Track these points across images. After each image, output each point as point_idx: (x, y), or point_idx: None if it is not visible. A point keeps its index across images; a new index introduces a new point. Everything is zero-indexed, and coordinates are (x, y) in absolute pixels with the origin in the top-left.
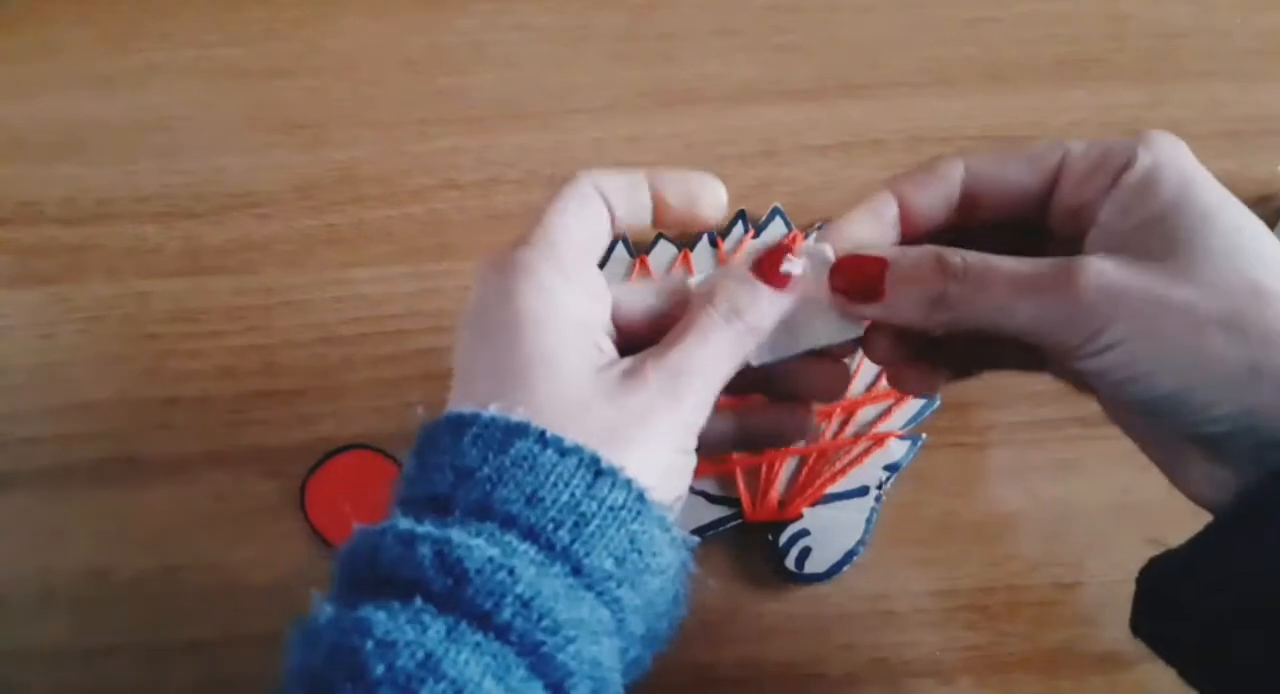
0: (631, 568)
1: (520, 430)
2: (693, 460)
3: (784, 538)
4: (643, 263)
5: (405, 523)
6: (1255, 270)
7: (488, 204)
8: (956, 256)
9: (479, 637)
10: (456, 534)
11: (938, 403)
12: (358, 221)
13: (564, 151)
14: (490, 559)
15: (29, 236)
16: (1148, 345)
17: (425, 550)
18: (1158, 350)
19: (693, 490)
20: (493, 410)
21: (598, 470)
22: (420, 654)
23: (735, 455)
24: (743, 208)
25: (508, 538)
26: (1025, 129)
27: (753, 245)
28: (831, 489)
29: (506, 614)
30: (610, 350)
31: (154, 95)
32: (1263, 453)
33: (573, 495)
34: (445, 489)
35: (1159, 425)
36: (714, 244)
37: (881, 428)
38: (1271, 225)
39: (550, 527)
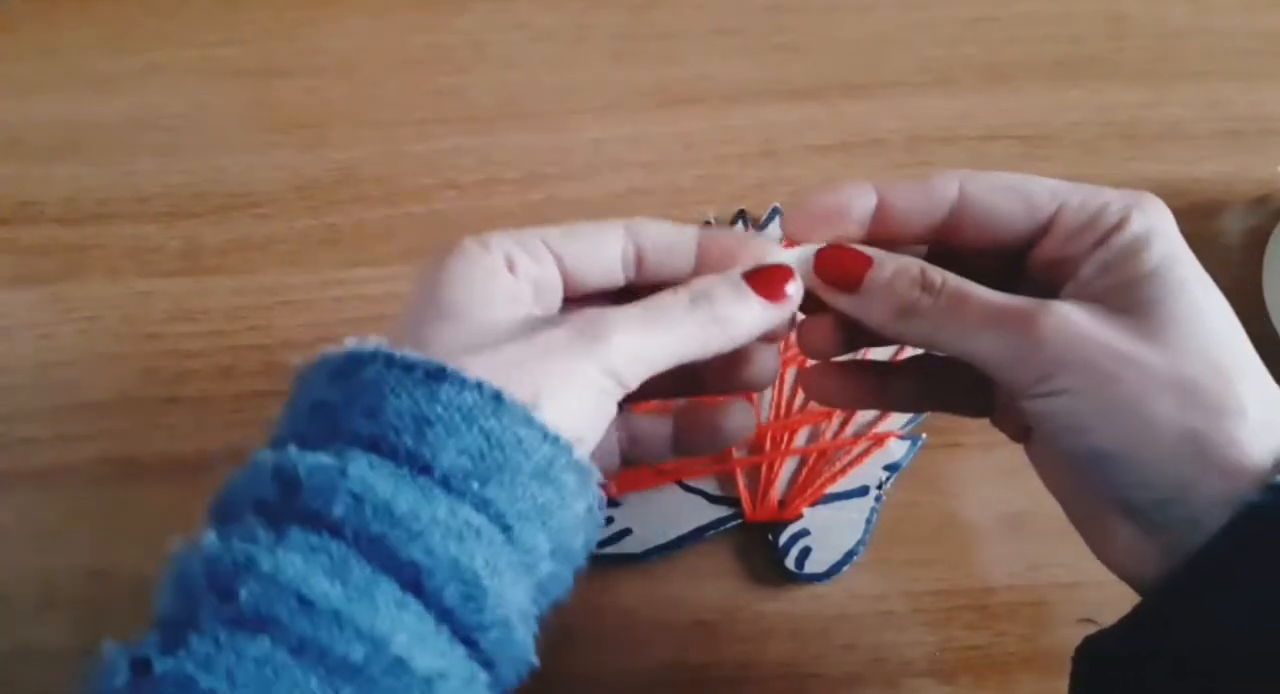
0: (492, 465)
1: (370, 357)
2: (613, 405)
3: (784, 538)
4: None
5: (260, 454)
6: (1218, 348)
7: (488, 204)
8: (938, 274)
9: (314, 539)
10: (295, 451)
11: None
12: (358, 221)
13: (564, 151)
14: (322, 465)
15: (29, 236)
16: (1096, 399)
17: (265, 469)
18: (1105, 405)
19: (693, 490)
20: (350, 344)
21: (443, 376)
22: (242, 558)
23: (735, 455)
24: (743, 207)
25: (350, 451)
26: (1025, 129)
27: (750, 242)
28: (831, 489)
29: (339, 510)
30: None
31: (154, 95)
32: (1189, 527)
33: (415, 403)
34: (302, 425)
35: (1089, 485)
36: None
37: (881, 428)
38: (1271, 226)
39: (391, 434)
